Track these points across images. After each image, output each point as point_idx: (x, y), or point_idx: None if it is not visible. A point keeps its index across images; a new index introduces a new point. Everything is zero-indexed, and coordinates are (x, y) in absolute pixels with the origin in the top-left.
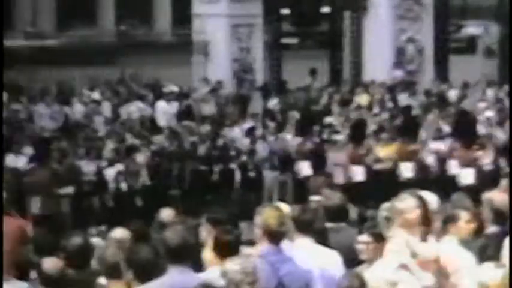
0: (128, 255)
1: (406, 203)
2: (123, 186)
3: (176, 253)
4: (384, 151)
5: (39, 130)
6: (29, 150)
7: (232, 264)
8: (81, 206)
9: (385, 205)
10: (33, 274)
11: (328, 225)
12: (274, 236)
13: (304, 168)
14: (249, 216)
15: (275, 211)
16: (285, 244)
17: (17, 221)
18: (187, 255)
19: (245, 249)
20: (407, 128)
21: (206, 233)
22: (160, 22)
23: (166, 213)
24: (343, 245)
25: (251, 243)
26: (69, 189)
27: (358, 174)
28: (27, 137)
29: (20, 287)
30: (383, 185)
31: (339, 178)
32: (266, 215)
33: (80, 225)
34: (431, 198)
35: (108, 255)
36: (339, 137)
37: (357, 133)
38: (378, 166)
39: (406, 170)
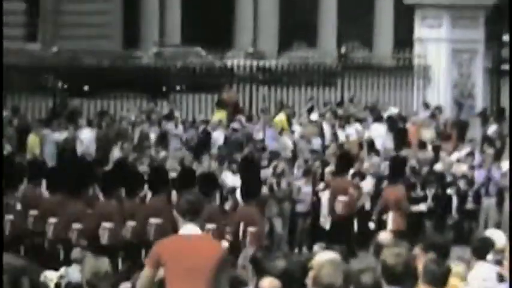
0: (345, 278)
1: None
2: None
3: (393, 275)
4: None
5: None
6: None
7: None
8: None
9: None
10: None
11: None
12: None
13: None
14: (465, 242)
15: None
16: None
17: (216, 245)
18: (404, 278)
19: None
20: None
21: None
22: (381, 45)
23: (384, 236)
24: None
25: None
26: None
27: None
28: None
29: None
30: None
31: None
32: None
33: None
34: None
35: (325, 275)
36: None
37: None
38: None
39: None
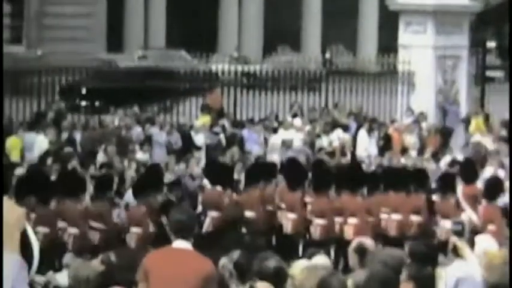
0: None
1: None
2: None
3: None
4: None
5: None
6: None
7: None
8: None
9: None
10: None
11: None
12: None
13: None
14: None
15: None
16: None
17: (204, 262)
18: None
19: None
20: None
21: None
22: (365, 50)
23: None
24: None
25: None
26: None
27: None
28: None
29: None
30: None
31: None
32: None
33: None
34: None
35: (303, 280)
36: None
37: None
38: None
39: None
